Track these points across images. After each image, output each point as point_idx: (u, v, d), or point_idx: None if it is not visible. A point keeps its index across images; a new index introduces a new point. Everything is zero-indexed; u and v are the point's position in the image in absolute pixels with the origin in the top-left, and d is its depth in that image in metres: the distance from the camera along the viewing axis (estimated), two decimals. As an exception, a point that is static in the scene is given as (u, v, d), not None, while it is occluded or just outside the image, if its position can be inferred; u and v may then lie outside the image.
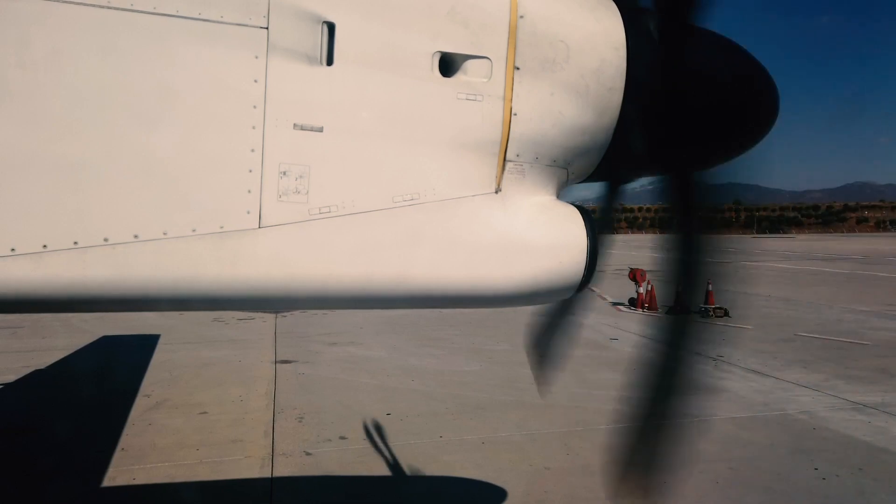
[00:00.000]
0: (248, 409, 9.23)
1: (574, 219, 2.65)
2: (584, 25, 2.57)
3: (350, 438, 7.95)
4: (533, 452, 7.54)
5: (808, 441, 7.98)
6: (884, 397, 9.77)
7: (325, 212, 2.30)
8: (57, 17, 2.07)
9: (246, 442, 7.85)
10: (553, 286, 2.61)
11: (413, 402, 9.59)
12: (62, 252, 2.09)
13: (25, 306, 2.36)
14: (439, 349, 13.27)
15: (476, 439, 7.99)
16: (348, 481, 6.81)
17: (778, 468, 7.07)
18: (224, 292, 2.30)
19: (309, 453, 7.47)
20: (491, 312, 15.37)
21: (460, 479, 6.85)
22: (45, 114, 2.08)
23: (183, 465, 7.12)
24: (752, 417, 8.91)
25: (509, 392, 10.07)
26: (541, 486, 6.63)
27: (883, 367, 11.71)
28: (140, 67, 2.14)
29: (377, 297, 2.50)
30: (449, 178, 2.45)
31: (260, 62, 2.22)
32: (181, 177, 2.19)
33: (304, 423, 8.58)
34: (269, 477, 6.84)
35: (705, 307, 17.61)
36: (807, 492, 6.51)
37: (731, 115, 2.92)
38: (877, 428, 8.43)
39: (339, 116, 2.32)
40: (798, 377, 11.00)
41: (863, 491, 6.57)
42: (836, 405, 9.44)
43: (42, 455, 7.36)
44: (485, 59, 2.45)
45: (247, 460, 7.27)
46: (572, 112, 2.57)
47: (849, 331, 15.40)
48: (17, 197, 2.06)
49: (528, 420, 8.70)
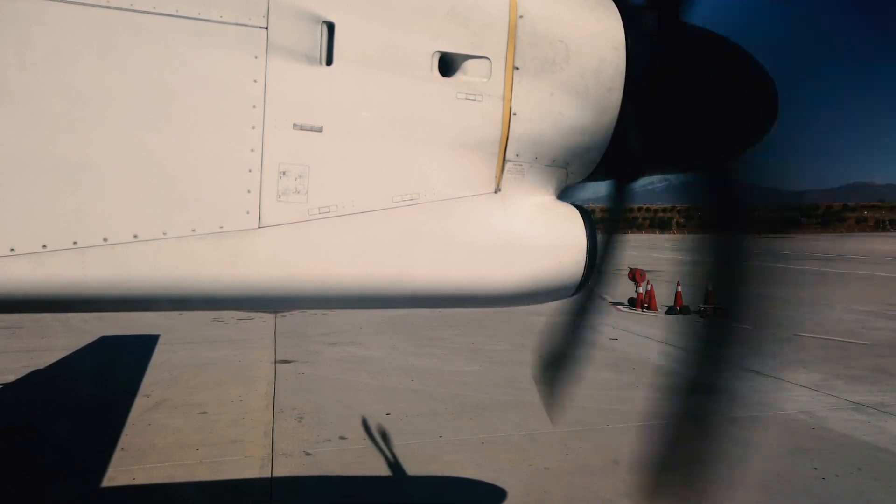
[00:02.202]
0: (248, 409, 9.23)
1: (574, 219, 2.66)
2: (584, 25, 2.57)
3: (350, 438, 7.96)
4: (533, 453, 7.54)
5: (807, 441, 7.99)
6: (883, 397, 9.78)
7: (325, 212, 2.31)
8: (57, 17, 2.07)
9: (246, 442, 7.86)
10: (553, 286, 2.62)
11: (413, 402, 9.60)
12: (62, 252, 2.09)
13: (25, 306, 2.36)
14: (439, 349, 13.27)
15: (476, 439, 7.99)
16: (348, 481, 6.81)
17: (777, 468, 7.08)
18: (224, 292, 2.30)
19: (309, 453, 7.48)
20: (491, 312, 15.38)
21: (460, 479, 6.85)
22: (44, 114, 2.08)
23: (182, 465, 7.12)
24: (752, 417, 8.91)
25: (509, 392, 10.08)
26: (540, 486, 6.64)
27: (882, 367, 11.72)
28: (139, 67, 2.14)
29: (377, 297, 2.51)
30: (448, 178, 2.45)
31: (259, 62, 2.22)
32: (181, 177, 2.19)
33: (303, 423, 8.59)
34: (269, 477, 6.84)
35: (704, 307, 17.66)
36: (806, 492, 6.52)
37: (732, 115, 2.93)
38: (876, 428, 8.45)
39: (338, 116, 2.32)
40: (797, 377, 11.02)
41: (862, 491, 6.58)
42: (836, 405, 9.46)
43: (42, 455, 7.36)
44: (484, 59, 2.45)
45: (246, 460, 7.27)
46: (572, 112, 2.57)
47: (848, 331, 15.41)
48: (16, 197, 2.06)
49: (528, 420, 8.70)
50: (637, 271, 19.52)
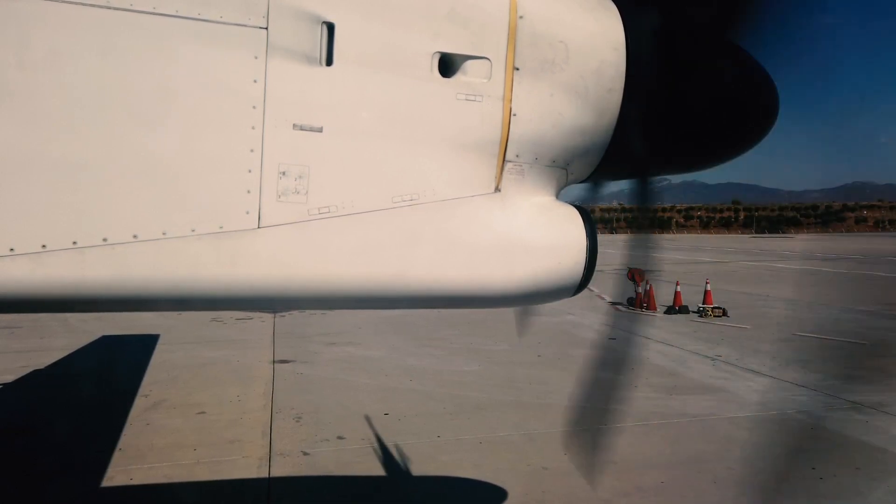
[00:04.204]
0: (247, 409, 9.23)
1: (574, 219, 2.67)
2: (584, 26, 2.58)
3: (348, 438, 7.95)
4: (531, 452, 7.54)
5: (806, 441, 7.98)
6: (881, 397, 9.77)
7: (325, 212, 2.31)
8: (57, 17, 2.08)
9: (244, 442, 7.86)
10: (553, 287, 2.63)
11: (411, 402, 9.59)
12: (61, 252, 2.10)
13: (25, 306, 2.38)
14: (438, 349, 13.27)
15: (474, 439, 7.99)
16: (346, 481, 6.81)
17: (775, 467, 7.08)
18: (223, 292, 2.31)
19: (307, 453, 7.48)
20: (490, 312, 15.37)
21: (458, 479, 6.85)
22: (44, 114, 2.09)
23: (180, 465, 7.12)
24: (750, 417, 8.92)
25: (508, 392, 10.08)
26: (539, 486, 6.64)
27: (881, 367, 11.71)
28: (139, 68, 2.15)
29: (377, 298, 2.52)
30: (448, 179, 2.46)
31: (259, 62, 2.23)
32: (180, 177, 2.20)
33: (301, 422, 8.58)
34: (267, 477, 6.84)
35: (703, 307, 17.65)
36: (804, 491, 6.52)
37: (731, 115, 2.93)
38: (875, 427, 8.44)
39: (338, 117, 2.33)
40: (796, 377, 11.01)
41: (860, 490, 6.58)
42: (834, 405, 9.46)
43: (40, 456, 7.35)
44: (484, 59, 2.46)
45: (244, 460, 7.27)
46: (572, 113, 2.58)
47: (847, 330, 15.39)
48: (16, 197, 2.07)
49: (527, 420, 8.71)
50: (636, 271, 19.47)
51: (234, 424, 8.51)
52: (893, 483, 6.75)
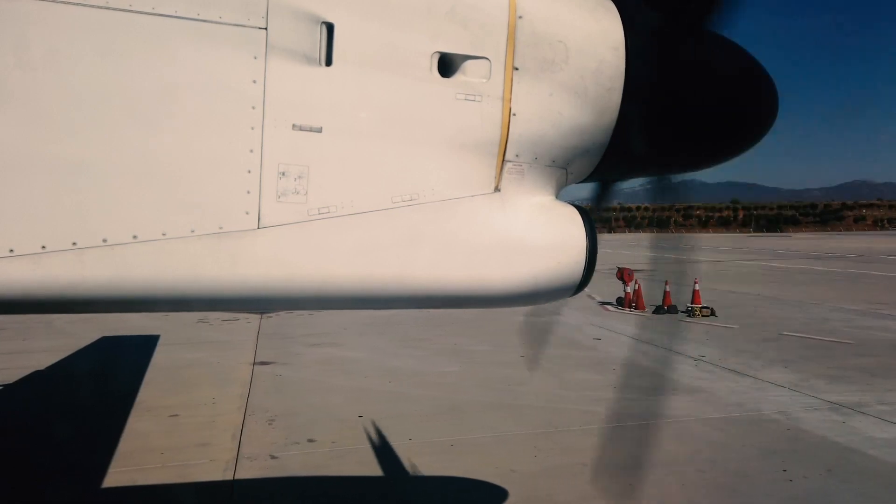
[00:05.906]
0: (220, 411, 9.18)
1: (573, 219, 2.67)
2: (583, 26, 2.59)
3: (319, 441, 7.90)
4: (501, 454, 7.48)
5: (780, 442, 7.92)
6: (861, 397, 9.72)
7: (324, 212, 2.32)
8: (56, 18, 2.09)
9: (212, 445, 7.80)
10: (552, 286, 2.64)
11: (387, 403, 9.54)
12: (61, 253, 2.11)
13: (24, 307, 2.37)
14: (421, 350, 13.22)
15: (446, 441, 7.94)
16: (311, 482, 6.76)
17: (746, 469, 7.02)
18: (223, 293, 2.32)
19: (275, 457, 7.42)
20: (477, 313, 15.33)
21: (430, 478, 6.81)
22: (43, 114, 2.10)
23: (145, 469, 7.04)
24: (726, 418, 8.86)
25: (486, 393, 10.03)
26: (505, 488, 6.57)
27: (864, 367, 11.65)
28: (139, 68, 2.16)
29: (376, 298, 2.52)
30: (448, 179, 2.47)
31: (259, 63, 2.24)
32: (180, 177, 2.21)
33: (273, 425, 8.53)
34: (231, 480, 6.78)
35: (691, 307, 17.59)
36: (771, 494, 6.46)
37: (731, 115, 2.94)
38: (851, 428, 8.38)
39: (338, 117, 2.34)
40: (777, 377, 10.95)
41: (828, 492, 6.52)
42: (813, 405, 9.39)
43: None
44: (484, 59, 2.47)
45: (210, 464, 7.21)
46: (571, 112, 2.59)
47: (834, 330, 15.35)
48: (16, 197, 2.08)
49: (502, 422, 8.66)
50: (625, 270, 19.47)
51: (205, 427, 8.45)
52: (864, 486, 6.67)
